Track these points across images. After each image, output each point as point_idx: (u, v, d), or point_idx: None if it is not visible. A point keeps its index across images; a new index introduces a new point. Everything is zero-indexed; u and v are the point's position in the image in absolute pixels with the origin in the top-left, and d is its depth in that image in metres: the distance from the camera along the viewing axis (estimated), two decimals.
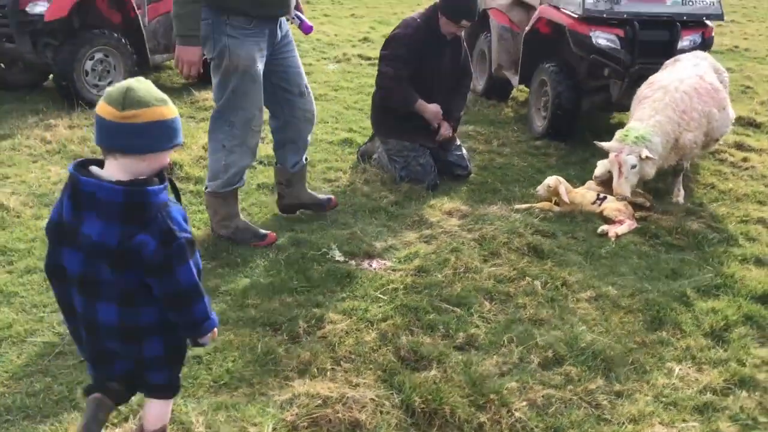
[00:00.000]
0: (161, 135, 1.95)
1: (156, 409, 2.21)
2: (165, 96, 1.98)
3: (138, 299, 1.99)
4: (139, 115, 1.90)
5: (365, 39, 10.77)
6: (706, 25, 5.85)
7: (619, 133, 4.60)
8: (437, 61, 4.92)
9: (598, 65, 5.77)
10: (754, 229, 4.49)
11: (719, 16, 5.80)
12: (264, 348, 2.97)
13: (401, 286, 3.55)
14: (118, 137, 1.92)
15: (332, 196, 4.41)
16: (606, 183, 4.81)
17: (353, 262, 3.83)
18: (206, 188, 3.92)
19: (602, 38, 5.61)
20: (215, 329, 2.12)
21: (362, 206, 4.56)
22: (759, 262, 4.04)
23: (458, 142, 5.28)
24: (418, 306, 3.35)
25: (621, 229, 4.33)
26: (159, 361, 2.11)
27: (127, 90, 1.90)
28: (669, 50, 5.59)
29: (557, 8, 5.93)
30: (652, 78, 5.02)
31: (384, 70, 4.87)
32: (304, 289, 3.50)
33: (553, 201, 4.69)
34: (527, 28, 6.31)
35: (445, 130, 5.08)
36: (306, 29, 4.12)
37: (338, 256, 3.86)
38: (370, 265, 3.82)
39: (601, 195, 4.66)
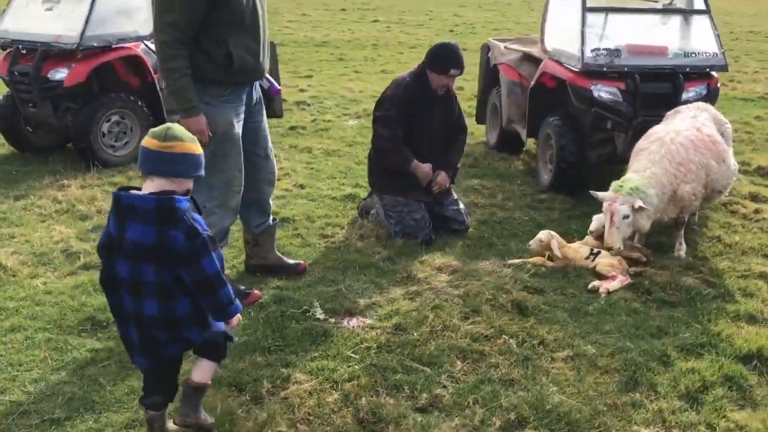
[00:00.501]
0: (189, 164, 2.59)
1: (204, 367, 2.76)
2: (194, 137, 2.63)
3: (174, 293, 2.54)
4: (175, 147, 2.54)
5: None
6: (711, 76, 5.80)
7: (614, 184, 4.56)
8: (429, 117, 4.99)
9: (601, 118, 5.75)
10: (753, 284, 4.35)
11: (723, 67, 5.74)
12: (224, 409, 2.99)
13: (374, 345, 3.54)
14: (157, 162, 2.54)
15: (302, 262, 4.46)
16: (602, 238, 4.75)
17: (333, 320, 3.84)
18: None
19: (603, 91, 5.61)
20: (239, 315, 2.68)
21: (353, 262, 4.58)
22: (752, 319, 3.91)
23: (455, 197, 5.29)
24: (388, 366, 3.34)
25: (612, 285, 4.25)
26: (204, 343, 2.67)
27: (168, 128, 2.56)
28: (673, 102, 5.54)
29: (559, 63, 5.96)
30: (650, 130, 4.98)
31: (379, 131, 4.95)
32: (277, 348, 3.52)
33: (546, 256, 4.64)
34: (532, 83, 6.34)
35: (442, 179, 5.09)
36: (274, 91, 4.26)
37: (319, 313, 3.88)
38: (349, 323, 3.83)
39: (595, 250, 4.60)
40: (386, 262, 4.60)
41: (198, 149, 2.62)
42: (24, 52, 6.40)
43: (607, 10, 5.90)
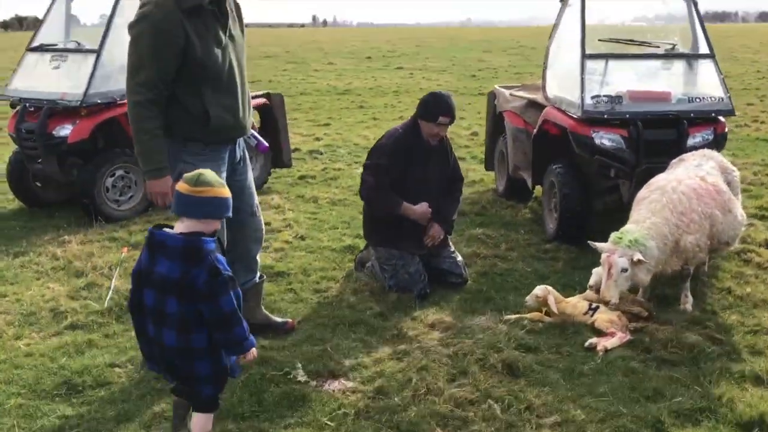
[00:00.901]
0: (218, 207, 2.84)
1: (201, 421, 2.93)
2: (224, 182, 2.91)
3: (191, 327, 2.75)
4: (205, 191, 2.78)
5: None
6: (718, 121, 5.63)
7: (613, 235, 4.39)
8: (422, 168, 4.90)
9: (604, 166, 5.60)
10: (762, 341, 4.12)
11: (730, 112, 5.58)
12: None
13: (353, 411, 3.40)
14: (188, 205, 2.79)
15: (290, 320, 4.36)
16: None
17: (314, 383, 3.71)
18: None
19: (605, 139, 5.48)
20: (254, 349, 2.89)
21: (344, 319, 4.46)
22: (758, 380, 3.67)
23: (452, 248, 5.16)
24: None
25: (611, 343, 4.06)
26: (207, 379, 2.85)
27: (200, 174, 2.81)
28: (677, 148, 5.39)
29: (560, 110, 5.85)
30: (652, 179, 4.82)
31: (365, 179, 4.89)
32: (252, 415, 3.40)
33: (544, 311, 4.48)
34: (535, 130, 6.24)
35: (436, 231, 4.97)
36: (262, 149, 4.22)
37: (300, 376, 3.76)
38: (330, 386, 3.69)
39: (594, 305, 4.42)
40: (377, 319, 4.47)
41: (226, 193, 2.86)
42: (32, 109, 6.50)
43: (608, 56, 5.81)
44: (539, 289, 4.47)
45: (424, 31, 68.76)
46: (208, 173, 2.84)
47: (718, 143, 5.60)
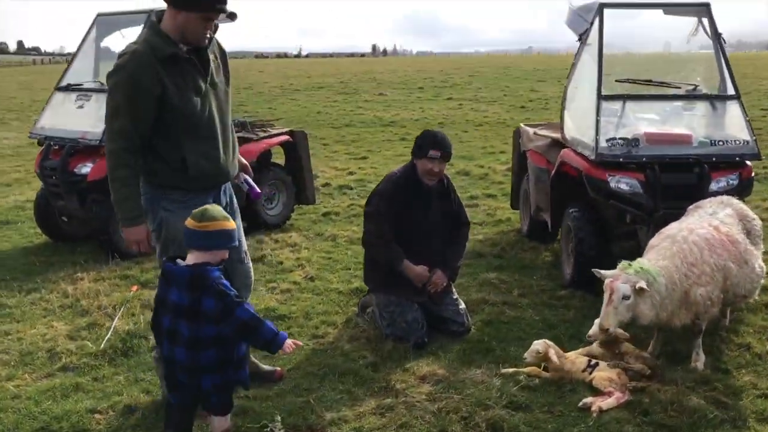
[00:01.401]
0: (222, 239, 3.15)
1: (217, 422, 3.35)
2: (227, 215, 3.20)
3: (199, 347, 3.09)
4: (209, 226, 3.10)
5: None
6: (744, 165, 5.36)
7: (623, 263, 4.19)
8: (424, 212, 4.80)
9: (620, 211, 5.39)
10: None
11: (755, 156, 5.29)
12: None
13: None
14: (194, 239, 3.12)
15: (278, 369, 4.28)
16: (607, 345, 4.36)
17: None
18: (152, 352, 3.91)
19: (621, 183, 5.27)
20: (289, 341, 3.19)
21: (335, 368, 4.36)
22: None
23: (455, 295, 5.01)
24: None
25: (607, 403, 3.84)
26: (214, 388, 3.20)
27: (204, 210, 3.14)
28: (698, 193, 5.14)
29: (576, 152, 5.67)
30: (664, 228, 4.59)
31: (368, 228, 4.82)
32: None
33: (542, 366, 4.28)
34: (553, 172, 6.06)
35: (439, 278, 4.85)
36: (254, 195, 4.19)
37: (278, 429, 3.67)
38: None
39: (593, 361, 4.20)
40: (368, 369, 4.35)
41: (230, 225, 3.17)
42: (56, 148, 6.67)
43: (625, 97, 5.61)
44: (539, 344, 4.28)
45: (481, 60, 68.66)
46: (213, 208, 3.16)
47: (743, 188, 5.32)
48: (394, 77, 37.07)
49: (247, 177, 4.17)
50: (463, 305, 5.00)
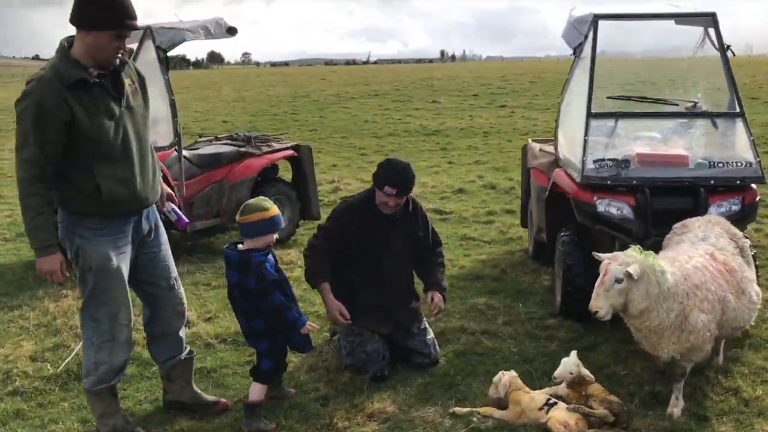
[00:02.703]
0: (263, 227, 3.79)
1: (256, 388, 3.92)
2: (268, 205, 3.84)
3: (251, 316, 3.86)
4: (249, 218, 3.79)
5: (461, 190, 10.52)
6: (748, 189, 4.92)
7: (635, 247, 3.92)
8: (385, 237, 4.57)
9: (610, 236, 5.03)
10: None
11: (759, 179, 4.85)
12: None
13: None
14: (241, 230, 3.89)
15: (222, 399, 4.14)
16: (573, 386, 4.04)
17: None
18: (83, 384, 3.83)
19: (609, 207, 4.92)
20: (309, 324, 3.89)
21: (282, 401, 4.18)
22: None
23: (423, 325, 4.76)
24: None
25: None
26: (265, 353, 3.91)
27: (245, 205, 3.87)
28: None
29: (567, 173, 5.34)
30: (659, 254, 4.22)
31: (310, 241, 4.69)
32: None
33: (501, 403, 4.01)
34: (545, 193, 5.74)
35: (438, 300, 4.68)
36: (181, 224, 4.08)
37: None
38: None
39: (551, 400, 3.90)
40: (316, 403, 4.16)
41: (268, 214, 3.78)
42: None
43: (617, 115, 5.24)
44: (497, 377, 4.02)
45: (549, 64, 67.31)
46: (251, 202, 3.88)
47: (746, 214, 4.89)
48: (452, 84, 36.74)
49: (174, 206, 4.06)
50: (431, 335, 4.75)
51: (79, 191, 3.46)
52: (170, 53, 6.83)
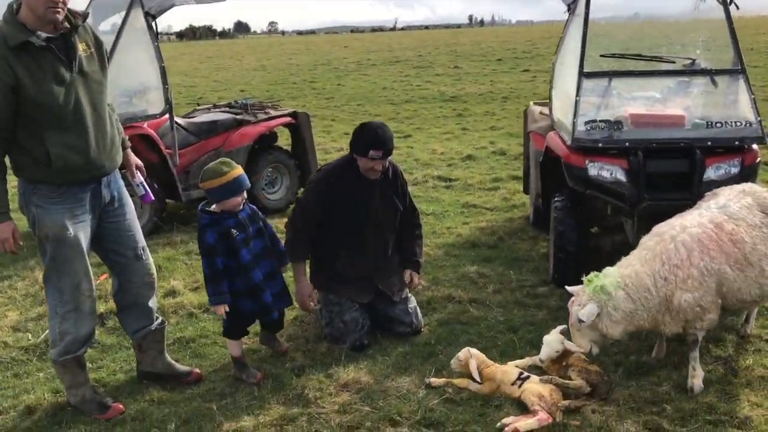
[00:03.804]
0: (225, 191, 3.79)
1: (228, 343, 4.15)
2: (226, 168, 3.80)
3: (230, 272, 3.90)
4: (209, 184, 3.79)
5: (469, 157, 10.31)
6: (748, 150, 4.68)
7: (587, 278, 3.78)
8: (366, 205, 4.43)
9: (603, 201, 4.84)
10: None
11: (759, 139, 4.61)
12: None
13: None
14: (208, 195, 3.87)
15: (195, 369, 4.09)
16: (554, 360, 3.90)
17: None
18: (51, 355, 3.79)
19: (601, 170, 4.72)
20: (216, 306, 3.88)
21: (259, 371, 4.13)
22: None
23: (406, 293, 4.64)
24: None
25: (525, 425, 3.40)
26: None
27: (204, 170, 3.85)
28: (691, 182, 4.55)
29: (559, 135, 5.14)
30: (660, 224, 4.00)
31: (290, 216, 4.57)
32: None
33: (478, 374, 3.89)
34: (540, 157, 5.54)
35: (416, 280, 4.69)
36: (147, 200, 4.03)
37: None
38: None
39: (524, 374, 3.76)
40: (291, 374, 4.08)
41: (230, 177, 3.78)
42: None
43: (611, 74, 5.01)
44: (462, 353, 3.90)
45: None
46: (212, 166, 3.82)
47: (745, 177, 4.64)
48: (476, 49, 36.14)
49: (142, 180, 3.98)
50: (413, 303, 4.64)
51: (31, 158, 3.38)
52: (197, 24, 6.72)
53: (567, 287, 3.92)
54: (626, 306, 3.64)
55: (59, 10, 3.26)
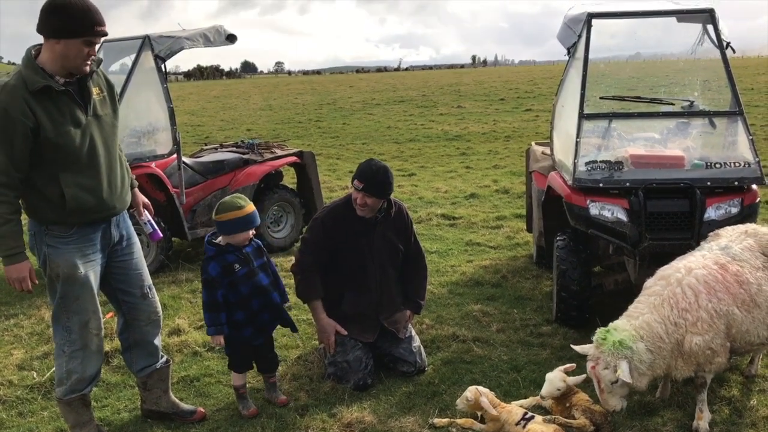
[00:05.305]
0: (237, 226, 3.91)
1: (232, 374, 4.22)
2: (242, 203, 3.92)
3: (230, 305, 4.01)
4: (224, 217, 3.90)
5: (473, 195, 10.38)
6: (747, 190, 4.72)
7: (599, 333, 3.71)
8: (367, 241, 4.48)
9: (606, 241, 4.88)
10: None
11: (758, 180, 4.66)
12: None
13: None
14: (218, 228, 3.97)
15: (199, 408, 4.10)
16: (558, 400, 3.91)
17: None
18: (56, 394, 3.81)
19: (602, 210, 4.77)
20: (214, 337, 4.01)
21: (261, 410, 4.13)
22: None
23: (411, 332, 4.67)
24: None
25: None
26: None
27: (219, 203, 3.97)
28: (692, 222, 4.59)
29: (561, 175, 5.20)
30: (664, 266, 4.01)
31: (296, 256, 4.61)
32: None
33: (480, 416, 3.89)
34: (543, 196, 5.60)
35: (406, 320, 4.69)
36: (155, 238, 4.09)
37: None
38: None
39: (528, 414, 3.77)
40: (294, 413, 4.09)
41: (243, 213, 3.91)
42: None
43: (611, 116, 5.09)
44: (470, 392, 3.89)
45: None
46: (225, 201, 3.96)
47: (745, 217, 4.68)
48: (479, 89, 36.56)
49: (150, 218, 4.05)
50: (417, 342, 4.65)
51: (45, 199, 3.45)
52: (204, 64, 6.88)
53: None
54: (647, 357, 3.61)
55: (89, 62, 3.39)
